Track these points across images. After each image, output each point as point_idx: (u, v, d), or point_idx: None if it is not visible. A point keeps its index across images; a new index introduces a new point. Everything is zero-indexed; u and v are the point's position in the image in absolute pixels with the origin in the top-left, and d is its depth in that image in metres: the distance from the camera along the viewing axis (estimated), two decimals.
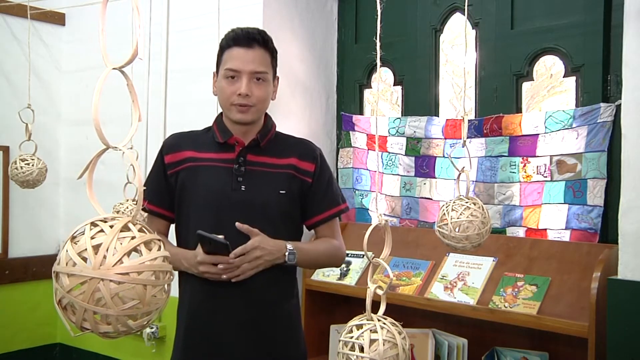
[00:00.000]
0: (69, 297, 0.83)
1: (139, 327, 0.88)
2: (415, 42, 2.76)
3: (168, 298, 0.91)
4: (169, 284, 0.91)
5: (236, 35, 1.73)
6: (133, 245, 0.85)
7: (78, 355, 3.46)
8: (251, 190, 1.72)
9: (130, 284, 0.83)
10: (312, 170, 1.80)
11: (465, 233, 1.57)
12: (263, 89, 1.73)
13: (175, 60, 3.03)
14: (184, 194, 1.77)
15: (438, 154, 2.63)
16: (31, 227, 3.42)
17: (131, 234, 0.86)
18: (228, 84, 1.72)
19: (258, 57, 1.72)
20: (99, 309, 0.83)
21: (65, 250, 0.85)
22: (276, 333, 1.76)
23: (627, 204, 1.86)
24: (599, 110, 2.19)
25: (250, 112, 1.73)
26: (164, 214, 1.82)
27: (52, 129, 3.49)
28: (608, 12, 2.24)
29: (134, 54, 0.88)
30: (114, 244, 0.84)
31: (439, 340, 2.31)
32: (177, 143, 1.82)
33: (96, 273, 0.82)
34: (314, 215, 1.82)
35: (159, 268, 0.87)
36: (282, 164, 1.78)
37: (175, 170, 1.78)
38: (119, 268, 0.83)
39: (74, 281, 0.83)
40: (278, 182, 1.75)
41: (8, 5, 3.26)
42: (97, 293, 0.82)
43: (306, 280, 2.60)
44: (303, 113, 2.91)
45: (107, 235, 0.85)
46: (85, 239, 0.85)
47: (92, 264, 0.82)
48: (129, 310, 0.84)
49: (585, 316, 1.90)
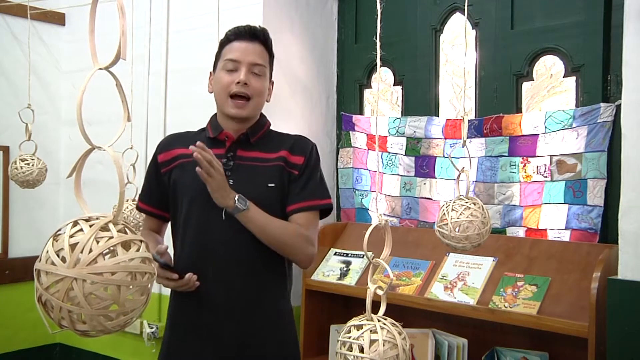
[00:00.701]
0: (46, 295, 0.84)
1: (117, 327, 0.87)
2: (415, 42, 2.76)
3: (148, 299, 0.91)
4: (149, 285, 0.90)
5: (239, 30, 1.77)
6: (110, 245, 0.85)
7: (78, 355, 3.46)
8: (239, 184, 1.72)
9: (104, 284, 0.83)
10: (301, 163, 1.79)
11: (465, 233, 1.57)
12: (261, 83, 1.75)
13: (175, 60, 3.03)
14: (175, 190, 1.79)
15: (438, 154, 2.63)
16: (31, 227, 3.42)
17: (110, 234, 0.86)
18: (227, 74, 1.73)
19: (258, 51, 1.76)
20: (73, 308, 0.83)
21: (46, 249, 0.86)
22: (260, 333, 1.75)
23: (627, 204, 1.86)
24: (599, 110, 2.19)
25: (246, 107, 1.74)
26: (153, 212, 1.87)
27: (52, 129, 3.49)
28: (608, 12, 2.24)
29: (117, 55, 0.89)
30: (90, 243, 0.84)
31: (439, 340, 2.31)
32: (170, 142, 1.86)
33: (70, 272, 0.82)
34: (290, 203, 1.78)
35: (135, 269, 0.86)
36: (273, 157, 1.78)
37: (168, 169, 1.81)
38: (93, 268, 0.83)
39: (51, 279, 0.84)
40: (267, 176, 1.75)
41: (8, 5, 3.26)
42: (71, 292, 0.83)
43: (306, 280, 2.60)
44: (303, 113, 2.91)
45: (84, 235, 0.85)
46: (64, 237, 0.85)
47: (68, 263, 0.83)
48: (102, 310, 0.84)
49: (585, 316, 1.90)
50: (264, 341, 1.75)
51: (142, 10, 3.06)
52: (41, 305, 0.86)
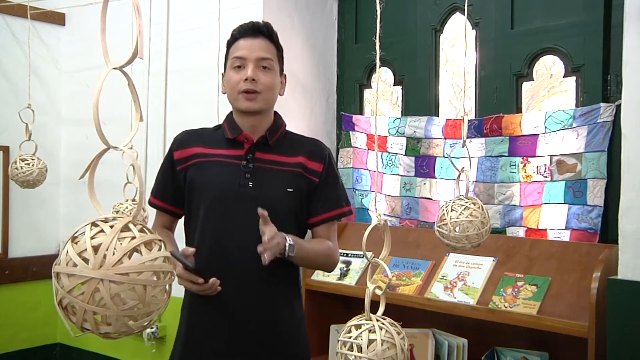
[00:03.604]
0: (69, 298, 0.83)
1: (140, 327, 0.87)
2: (415, 42, 2.76)
3: (169, 298, 0.91)
4: (170, 285, 0.90)
5: (242, 28, 1.76)
6: (133, 245, 0.85)
7: (78, 355, 3.46)
8: (259, 187, 1.72)
9: (130, 285, 0.83)
10: (320, 170, 1.80)
11: (464, 233, 1.57)
12: (269, 76, 1.75)
13: (175, 60, 3.03)
14: (192, 189, 1.78)
15: (438, 154, 2.63)
16: (31, 227, 3.43)
17: (131, 234, 0.86)
18: (235, 73, 1.73)
19: (264, 45, 1.75)
20: (99, 310, 0.82)
21: (66, 251, 0.85)
22: (280, 331, 1.77)
23: (627, 204, 1.86)
24: (599, 110, 2.19)
25: (257, 100, 1.73)
26: (167, 208, 1.85)
27: (52, 129, 3.50)
28: (608, 12, 2.24)
29: (135, 54, 0.88)
30: (114, 244, 0.83)
31: (439, 340, 2.31)
32: (187, 139, 1.83)
33: (96, 273, 0.82)
34: (315, 214, 1.81)
35: (159, 268, 0.86)
36: (291, 162, 1.78)
37: (184, 166, 1.79)
38: (119, 268, 0.82)
39: (74, 281, 0.83)
40: (286, 180, 1.75)
41: (8, 5, 3.26)
42: (97, 293, 0.82)
43: (306, 280, 2.60)
44: (303, 113, 2.91)
45: (107, 236, 0.84)
46: (86, 239, 0.85)
47: (92, 264, 0.82)
48: (129, 311, 0.84)
49: (585, 316, 1.90)
50: (282, 340, 1.77)
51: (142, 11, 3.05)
52: (62, 309, 0.85)
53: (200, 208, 1.76)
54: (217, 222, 1.73)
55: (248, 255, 1.70)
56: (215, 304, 1.73)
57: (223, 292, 1.69)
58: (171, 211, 1.85)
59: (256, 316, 1.74)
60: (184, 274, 1.60)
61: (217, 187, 1.72)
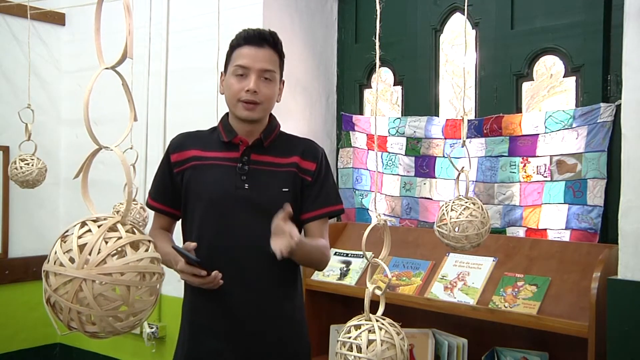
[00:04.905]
0: (55, 296, 0.83)
1: (127, 328, 0.87)
2: (415, 42, 2.76)
3: (157, 299, 0.90)
4: (158, 286, 0.89)
5: (248, 34, 1.76)
6: (118, 245, 0.84)
7: (78, 355, 3.46)
8: (254, 189, 1.74)
9: (113, 285, 0.83)
10: (313, 169, 1.81)
11: (464, 233, 1.57)
12: (270, 88, 1.76)
13: (175, 60, 3.03)
14: (189, 192, 1.79)
15: (438, 154, 2.63)
16: (31, 227, 3.43)
17: (118, 234, 0.86)
18: (237, 80, 1.73)
19: (268, 56, 1.75)
20: (82, 309, 0.82)
21: (54, 250, 0.85)
22: (280, 330, 1.78)
23: (627, 204, 1.86)
24: (599, 110, 2.19)
25: (256, 110, 1.74)
26: (166, 210, 1.86)
27: (52, 129, 3.50)
28: (608, 12, 2.24)
29: (124, 54, 0.88)
30: (99, 244, 0.83)
31: (439, 340, 2.31)
32: (183, 142, 1.85)
33: (79, 273, 0.82)
34: (306, 211, 1.81)
35: (144, 269, 0.86)
36: (286, 162, 1.80)
37: (181, 169, 1.81)
38: (103, 268, 0.82)
39: (60, 280, 0.83)
40: (281, 181, 1.77)
41: (8, 5, 3.26)
42: (80, 293, 0.82)
43: (306, 280, 2.60)
44: (303, 113, 2.91)
45: (93, 235, 0.84)
46: (73, 238, 0.85)
47: (77, 264, 0.82)
48: (112, 311, 0.84)
49: (585, 316, 1.90)
50: (283, 337, 1.79)
51: (142, 11, 3.06)
52: (50, 307, 0.85)
53: (197, 210, 1.77)
54: (214, 223, 1.75)
55: (245, 255, 1.73)
56: (215, 303, 1.74)
57: (223, 292, 1.69)
58: (170, 213, 1.87)
59: (256, 315, 1.75)
60: (186, 268, 1.61)
61: (214, 189, 1.74)
